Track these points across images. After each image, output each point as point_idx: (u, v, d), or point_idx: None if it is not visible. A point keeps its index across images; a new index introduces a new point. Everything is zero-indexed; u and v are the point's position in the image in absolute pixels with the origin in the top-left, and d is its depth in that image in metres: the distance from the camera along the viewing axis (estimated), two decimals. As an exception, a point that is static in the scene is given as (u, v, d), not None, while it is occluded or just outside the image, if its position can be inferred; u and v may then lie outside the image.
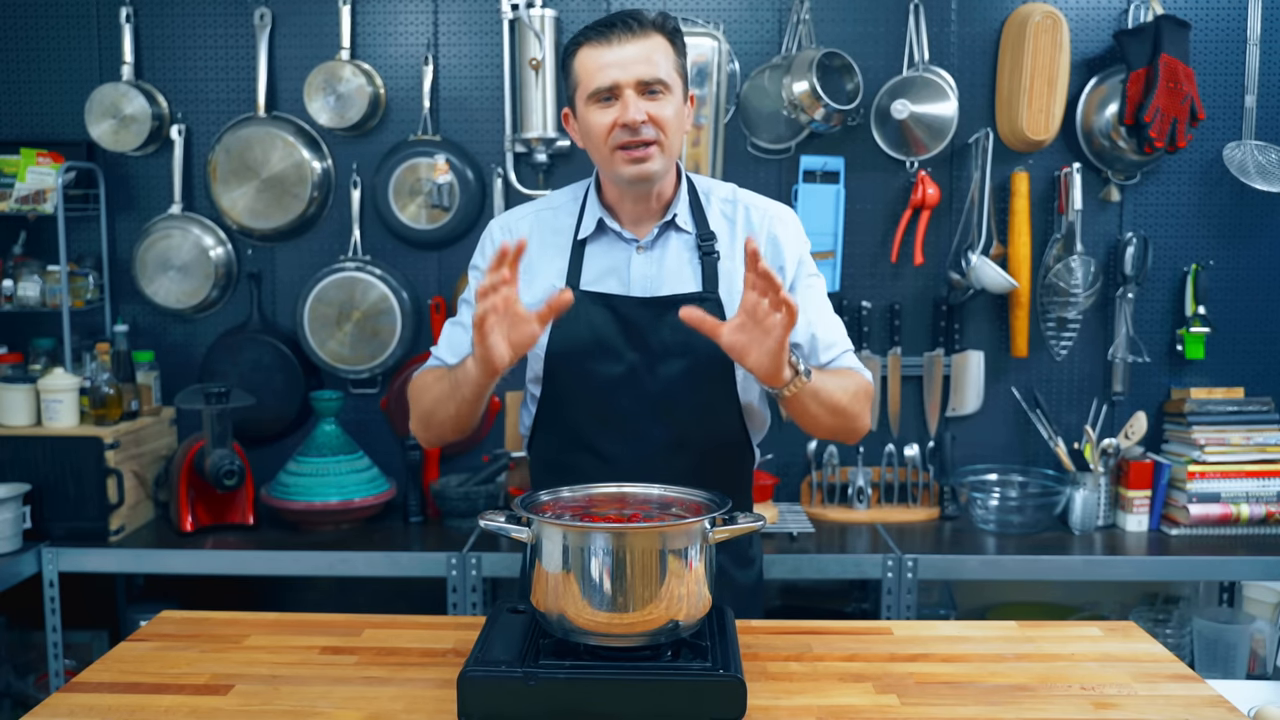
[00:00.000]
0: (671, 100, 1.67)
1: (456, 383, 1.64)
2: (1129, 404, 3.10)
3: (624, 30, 1.64)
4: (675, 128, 1.68)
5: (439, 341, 1.83)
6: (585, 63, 1.67)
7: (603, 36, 1.65)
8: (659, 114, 1.65)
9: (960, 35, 3.07)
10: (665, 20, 1.68)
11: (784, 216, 1.81)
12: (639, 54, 1.64)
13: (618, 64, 1.63)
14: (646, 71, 1.64)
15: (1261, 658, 2.88)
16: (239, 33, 3.11)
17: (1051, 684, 1.46)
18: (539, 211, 1.83)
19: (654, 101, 1.65)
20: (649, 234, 1.76)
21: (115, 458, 2.79)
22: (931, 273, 3.11)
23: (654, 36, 1.66)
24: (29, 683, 3.02)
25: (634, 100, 1.63)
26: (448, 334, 1.82)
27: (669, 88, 1.66)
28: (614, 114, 1.65)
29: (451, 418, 1.70)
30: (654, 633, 1.34)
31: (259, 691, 1.43)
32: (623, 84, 1.63)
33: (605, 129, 1.66)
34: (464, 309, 1.80)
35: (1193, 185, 3.10)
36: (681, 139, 1.73)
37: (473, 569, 2.68)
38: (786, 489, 3.11)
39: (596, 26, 1.66)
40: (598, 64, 1.64)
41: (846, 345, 1.79)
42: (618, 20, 1.65)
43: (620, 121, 1.64)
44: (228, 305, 3.19)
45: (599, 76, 1.64)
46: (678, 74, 1.69)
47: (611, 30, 1.64)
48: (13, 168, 2.95)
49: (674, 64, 1.68)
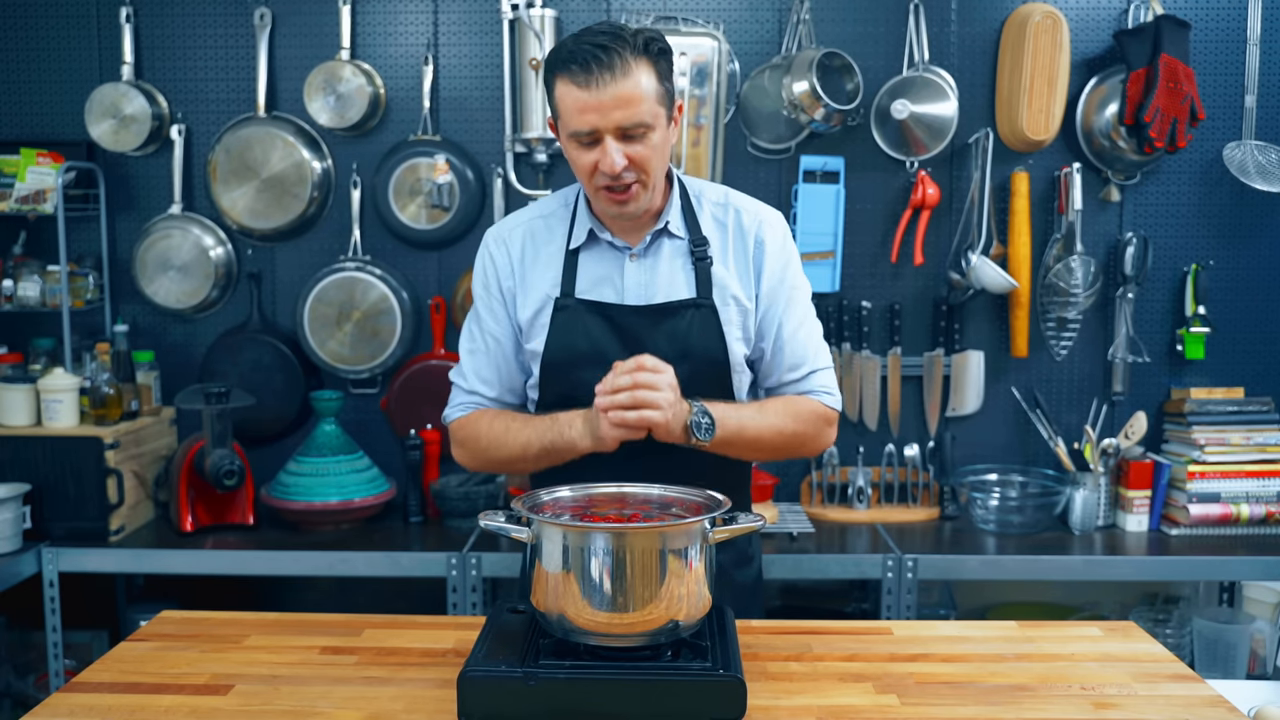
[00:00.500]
0: (653, 136, 1.63)
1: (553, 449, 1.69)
2: (1129, 404, 3.10)
3: (604, 71, 1.57)
4: (659, 161, 1.67)
5: (462, 370, 1.84)
6: (565, 99, 1.62)
7: (582, 77, 1.58)
8: (639, 155, 1.63)
9: (960, 35, 3.07)
10: (650, 43, 1.61)
11: (772, 220, 1.81)
12: (618, 98, 1.58)
13: (597, 109, 1.59)
14: (626, 118, 1.59)
15: (1261, 658, 2.88)
16: (239, 33, 3.11)
17: (1051, 684, 1.46)
18: (531, 221, 1.82)
19: (635, 144, 1.62)
20: (641, 242, 1.76)
21: (115, 458, 2.79)
22: (931, 273, 3.11)
23: (634, 72, 1.58)
24: (29, 683, 3.02)
25: (613, 148, 1.61)
26: (474, 365, 1.82)
27: (650, 127, 1.62)
28: (595, 156, 1.63)
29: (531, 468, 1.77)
30: (654, 633, 1.34)
31: (259, 691, 1.43)
32: (602, 130, 1.60)
33: (588, 168, 1.65)
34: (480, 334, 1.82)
35: (1193, 185, 3.11)
36: (666, 164, 1.72)
37: (473, 569, 2.68)
38: (786, 489, 3.11)
39: (577, 59, 1.58)
40: (577, 106, 1.60)
41: (816, 364, 1.79)
42: (596, 57, 1.57)
43: (601, 169, 1.63)
44: (228, 305, 3.19)
45: (578, 120, 1.61)
46: (660, 104, 1.63)
47: (590, 71, 1.57)
48: (13, 168, 2.95)
49: (657, 94, 1.62)
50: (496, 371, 1.81)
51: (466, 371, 1.83)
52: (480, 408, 1.83)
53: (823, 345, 1.81)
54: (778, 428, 1.73)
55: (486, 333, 1.81)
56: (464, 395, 1.84)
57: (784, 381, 1.79)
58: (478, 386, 1.82)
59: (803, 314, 1.80)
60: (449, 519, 2.94)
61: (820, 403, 1.78)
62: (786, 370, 1.78)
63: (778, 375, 1.79)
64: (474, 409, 1.83)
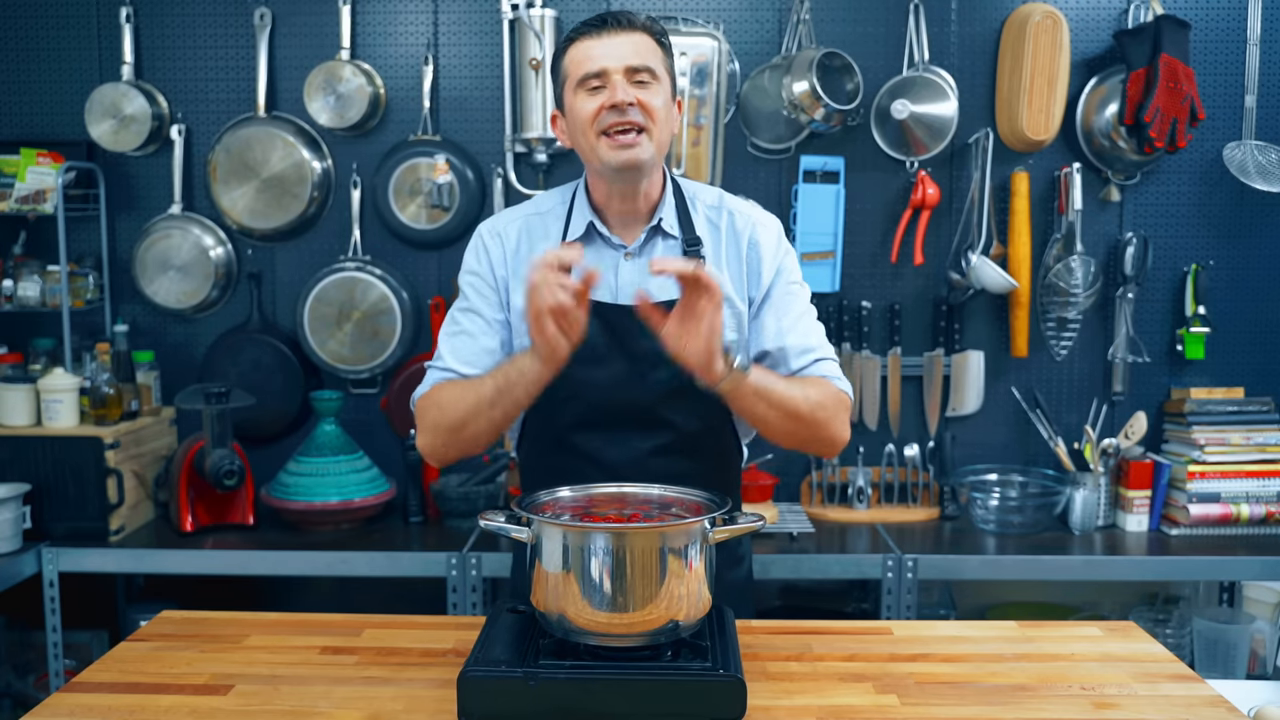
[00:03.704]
0: (660, 91, 1.67)
1: (506, 385, 1.59)
2: (1129, 404, 3.10)
3: (614, 25, 1.68)
4: (663, 119, 1.68)
5: (440, 354, 1.76)
6: (575, 55, 1.69)
7: (592, 29, 1.68)
8: (647, 100, 1.65)
9: (960, 35, 3.07)
10: (654, 23, 1.71)
11: (766, 223, 1.80)
12: (628, 44, 1.66)
13: (605, 53, 1.66)
14: (635, 58, 1.66)
15: (1261, 658, 2.88)
16: (239, 33, 3.11)
17: (1051, 684, 1.46)
18: (527, 216, 1.82)
19: (642, 89, 1.66)
20: (636, 240, 1.75)
21: (115, 458, 2.79)
22: (931, 273, 3.11)
23: (644, 34, 1.69)
24: (29, 683, 3.02)
25: (622, 83, 1.65)
26: (452, 346, 1.75)
27: (657, 78, 1.67)
28: (601, 99, 1.65)
29: (493, 424, 1.65)
30: (654, 633, 1.34)
31: (259, 691, 1.43)
32: (611, 70, 1.65)
33: (592, 113, 1.65)
34: (465, 318, 1.76)
35: (1193, 185, 3.10)
36: (670, 137, 1.73)
37: (473, 569, 2.68)
38: (786, 489, 3.11)
39: (589, 23, 1.70)
40: (587, 54, 1.67)
41: (823, 353, 1.75)
42: (608, 17, 1.69)
43: (608, 103, 1.64)
44: (228, 305, 3.19)
45: (587, 64, 1.66)
46: (666, 71, 1.71)
47: (602, 25, 1.68)
48: (13, 168, 2.95)
49: (662, 61, 1.70)
50: (480, 354, 1.73)
51: (444, 353, 1.75)
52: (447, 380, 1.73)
53: (826, 341, 1.79)
54: (804, 394, 1.65)
55: (474, 317, 1.75)
56: (437, 374, 1.74)
57: (793, 369, 1.73)
58: (455, 365, 1.73)
59: (803, 309, 1.78)
60: (449, 519, 2.94)
61: (835, 385, 1.73)
62: (795, 358, 1.73)
63: (786, 366, 1.74)
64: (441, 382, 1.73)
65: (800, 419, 1.64)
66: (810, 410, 1.65)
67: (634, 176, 1.69)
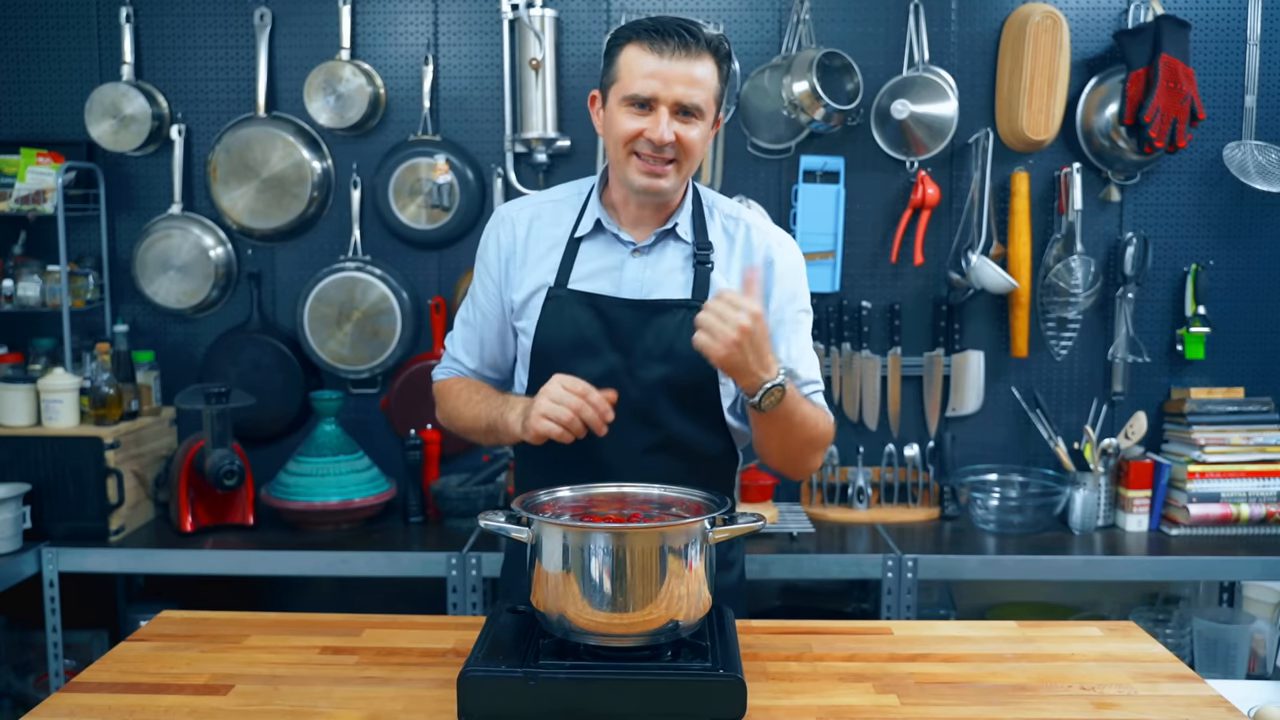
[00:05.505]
0: (701, 125, 1.66)
1: (496, 426, 1.71)
2: (1129, 404, 3.10)
3: (679, 44, 1.60)
4: (698, 152, 1.68)
5: (454, 340, 1.89)
6: (630, 63, 1.64)
7: (657, 42, 1.61)
8: (686, 136, 1.64)
9: (960, 35, 3.07)
10: (721, 43, 1.66)
11: (784, 243, 1.81)
12: (685, 74, 1.62)
13: (662, 77, 1.61)
14: (687, 95, 1.62)
15: (1261, 658, 2.88)
16: (239, 33, 3.11)
17: (1051, 684, 1.46)
18: (541, 204, 1.84)
19: (685, 124, 1.64)
20: (647, 239, 1.76)
21: (115, 458, 2.79)
22: (931, 273, 3.11)
23: (706, 59, 1.63)
24: (29, 683, 3.02)
25: (666, 119, 1.62)
26: (461, 335, 1.87)
27: (703, 114, 1.65)
28: (643, 125, 1.63)
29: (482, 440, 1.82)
30: (654, 633, 1.34)
31: (259, 691, 1.43)
32: (661, 99, 1.62)
33: (630, 134, 1.65)
34: (468, 306, 1.86)
35: (1193, 185, 3.11)
36: (698, 162, 1.73)
37: (473, 569, 2.68)
38: (786, 489, 3.11)
39: (654, 28, 1.62)
40: (643, 70, 1.62)
41: (819, 386, 1.80)
42: (676, 30, 1.61)
43: (647, 135, 1.63)
44: (228, 305, 3.19)
45: (640, 84, 1.62)
46: (714, 102, 1.67)
47: (667, 40, 1.61)
48: (13, 168, 2.95)
49: (714, 91, 1.66)
50: (479, 346, 1.85)
51: (456, 338, 1.89)
52: (459, 375, 1.88)
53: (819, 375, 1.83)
54: (817, 418, 1.72)
55: (478, 307, 1.85)
56: (448, 360, 1.90)
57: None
58: (460, 355, 1.87)
59: (808, 339, 1.81)
60: (449, 519, 2.94)
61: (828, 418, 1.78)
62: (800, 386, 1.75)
63: None
64: (454, 374, 1.89)
65: (806, 441, 1.72)
66: (819, 435, 1.73)
67: (654, 198, 1.72)
